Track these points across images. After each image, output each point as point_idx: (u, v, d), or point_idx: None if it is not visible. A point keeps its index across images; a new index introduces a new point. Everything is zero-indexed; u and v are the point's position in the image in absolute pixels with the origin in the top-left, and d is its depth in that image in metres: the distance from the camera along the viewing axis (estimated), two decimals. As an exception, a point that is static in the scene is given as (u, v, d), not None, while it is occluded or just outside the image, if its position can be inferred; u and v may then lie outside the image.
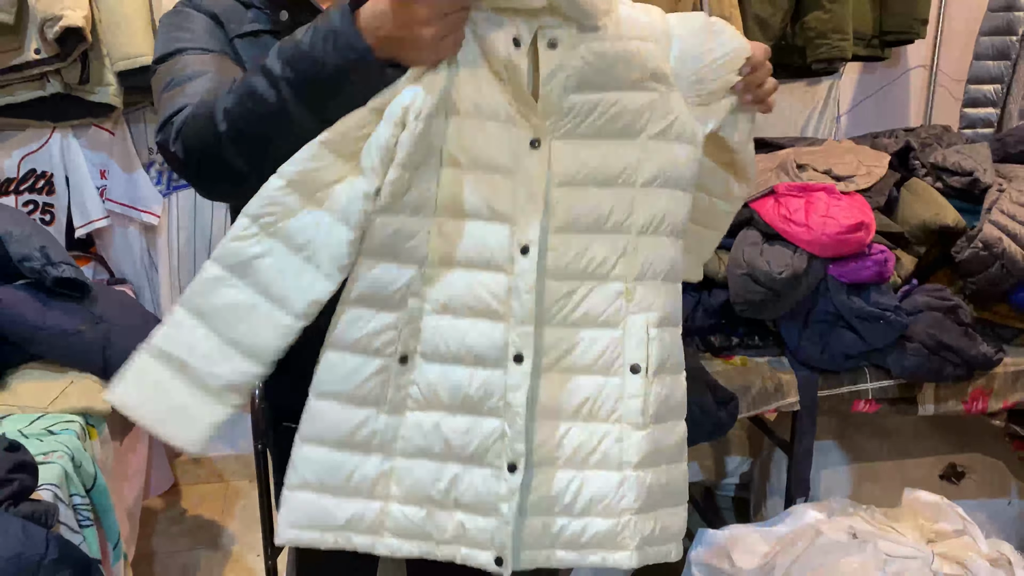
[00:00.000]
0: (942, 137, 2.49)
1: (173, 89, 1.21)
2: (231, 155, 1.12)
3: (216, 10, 1.33)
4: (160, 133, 1.18)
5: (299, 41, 1.06)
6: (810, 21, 2.74)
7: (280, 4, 1.32)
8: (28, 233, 1.83)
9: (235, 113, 1.09)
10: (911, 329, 2.02)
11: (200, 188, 1.22)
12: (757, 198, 2.09)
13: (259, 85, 1.08)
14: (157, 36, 1.34)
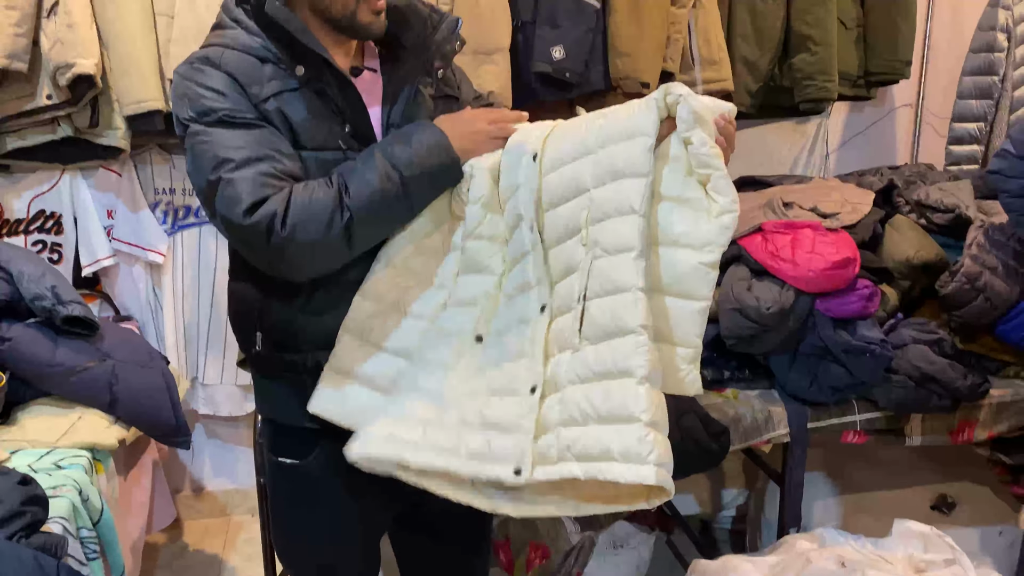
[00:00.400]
0: (926, 175, 2.57)
1: (242, 169, 1.29)
2: (342, 241, 1.33)
3: (234, 71, 1.35)
4: (248, 216, 1.27)
5: (412, 154, 1.36)
6: (797, 63, 2.83)
7: (296, 59, 1.37)
8: (41, 273, 1.89)
9: (360, 207, 1.32)
10: (897, 362, 2.08)
11: (288, 267, 1.34)
12: (745, 235, 2.16)
13: (383, 185, 1.34)
14: (178, 88, 1.36)
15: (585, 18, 2.54)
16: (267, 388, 1.52)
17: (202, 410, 2.89)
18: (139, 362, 1.97)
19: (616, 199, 1.26)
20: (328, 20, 1.40)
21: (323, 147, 1.39)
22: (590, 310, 1.26)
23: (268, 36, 1.37)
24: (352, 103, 1.40)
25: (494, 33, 2.54)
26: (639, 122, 1.26)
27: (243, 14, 1.40)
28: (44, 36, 2.31)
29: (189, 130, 1.33)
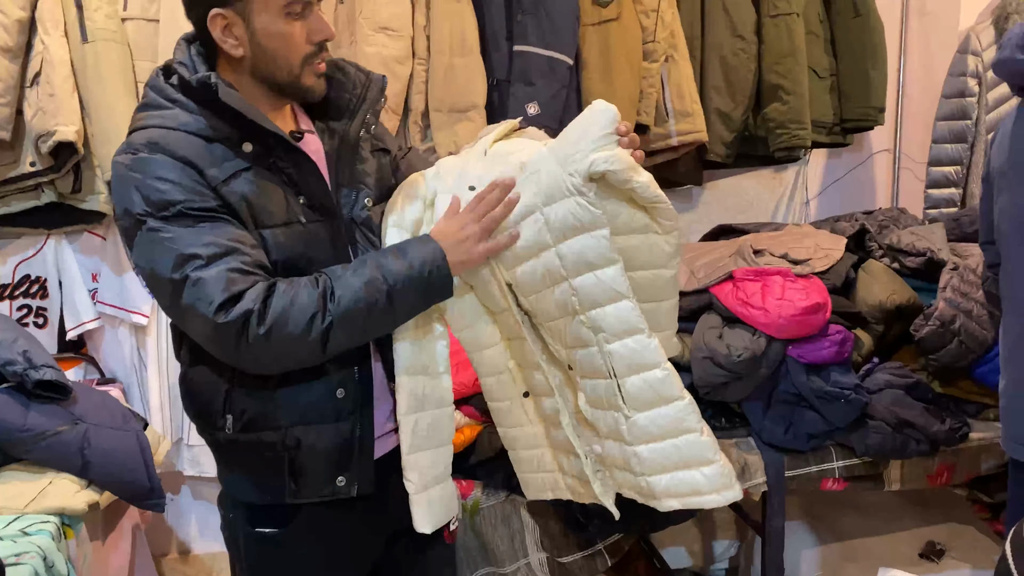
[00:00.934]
0: (898, 219, 2.59)
1: (211, 267, 1.26)
2: (318, 345, 1.32)
3: (188, 155, 1.31)
4: (223, 314, 1.25)
5: (406, 268, 1.36)
6: (769, 113, 2.87)
7: (244, 136, 1.36)
8: (13, 338, 1.91)
9: (343, 315, 1.32)
10: (873, 407, 2.07)
11: (256, 364, 1.33)
12: (716, 283, 2.17)
13: (370, 295, 1.33)
14: (123, 180, 1.30)
15: (558, 76, 2.59)
16: (239, 472, 1.47)
17: (188, 471, 2.88)
18: (113, 425, 1.98)
19: (601, 288, 1.34)
20: (272, 86, 1.40)
21: (283, 223, 1.38)
22: (627, 387, 1.37)
23: (213, 115, 1.34)
24: (306, 173, 1.40)
25: (469, 92, 2.60)
26: (587, 219, 1.32)
27: (177, 92, 1.37)
28: (27, 105, 2.37)
29: (146, 225, 1.28)
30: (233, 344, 1.29)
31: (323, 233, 1.42)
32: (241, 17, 1.34)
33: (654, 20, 2.71)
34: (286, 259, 1.37)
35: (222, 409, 1.41)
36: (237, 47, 1.36)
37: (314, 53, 1.39)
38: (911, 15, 3.33)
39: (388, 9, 2.52)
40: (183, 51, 1.39)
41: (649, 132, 2.76)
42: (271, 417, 1.41)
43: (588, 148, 1.29)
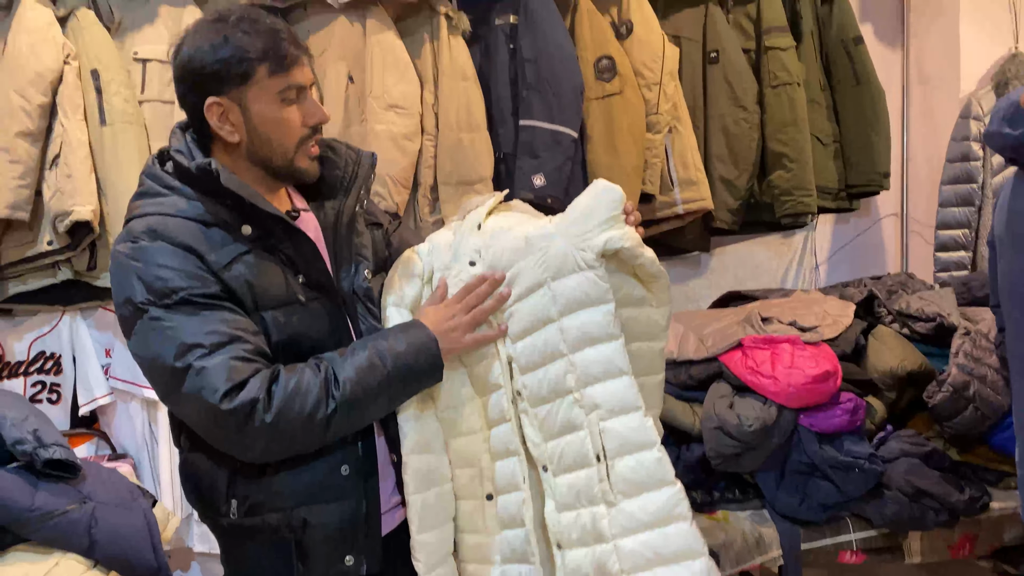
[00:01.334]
0: (907, 284, 2.58)
1: (214, 355, 1.27)
2: (321, 431, 1.34)
3: (188, 241, 1.32)
4: (228, 401, 1.26)
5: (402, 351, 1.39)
6: (774, 180, 2.90)
7: (241, 220, 1.38)
8: (24, 416, 1.91)
9: (347, 401, 1.34)
10: (888, 476, 2.04)
11: (255, 447, 1.33)
12: (725, 351, 2.16)
13: (371, 381, 1.36)
14: (123, 268, 1.31)
15: (563, 148, 2.64)
16: (245, 556, 1.47)
17: (197, 548, 2.84)
18: (121, 503, 1.96)
19: (601, 363, 1.36)
20: (268, 169, 1.43)
21: (283, 303, 1.39)
22: (616, 468, 1.35)
23: (212, 200, 1.37)
24: (305, 252, 1.42)
25: (477, 165, 2.65)
26: (595, 293, 1.36)
27: (173, 179, 1.39)
28: (46, 186, 2.43)
29: (147, 314, 1.29)
30: (236, 432, 1.30)
31: (322, 311, 1.44)
32: (237, 104, 1.38)
33: (656, 93, 2.76)
34: (287, 339, 1.39)
35: (225, 494, 1.41)
36: (233, 133, 1.39)
37: (308, 136, 1.43)
38: (912, 82, 3.39)
39: (398, 88, 2.58)
40: (179, 139, 1.43)
41: (655, 200, 2.79)
42: (275, 499, 1.40)
43: (599, 226, 1.34)
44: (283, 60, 1.37)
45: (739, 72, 2.88)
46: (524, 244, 1.41)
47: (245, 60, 1.35)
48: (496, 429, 1.49)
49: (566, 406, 1.39)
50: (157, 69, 2.55)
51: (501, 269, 1.44)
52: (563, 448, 1.40)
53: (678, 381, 2.19)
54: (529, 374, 1.43)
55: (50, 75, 2.37)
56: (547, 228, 1.40)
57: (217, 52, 1.35)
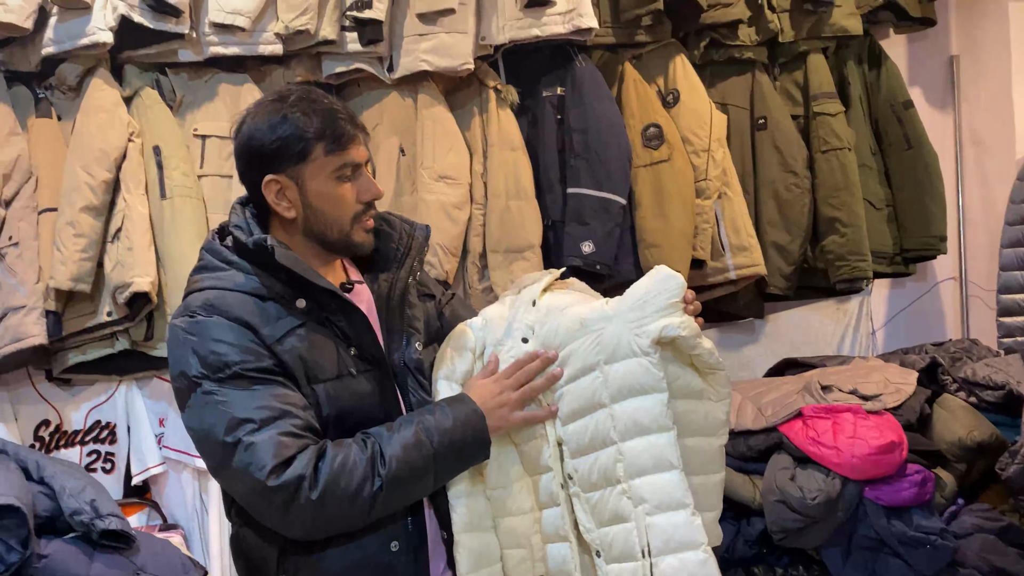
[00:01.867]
0: (971, 350, 2.51)
1: (263, 431, 1.28)
2: (367, 509, 1.33)
3: (243, 315, 1.35)
4: (275, 478, 1.27)
5: (450, 428, 1.38)
6: (828, 245, 2.86)
7: (295, 294, 1.40)
8: (81, 487, 1.93)
9: (393, 478, 1.33)
10: (962, 553, 1.94)
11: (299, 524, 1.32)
12: (784, 421, 2.11)
13: (416, 458, 1.35)
14: (180, 342, 1.34)
15: (612, 215, 2.64)
16: None
17: (245, 620, 2.82)
18: (173, 575, 1.96)
19: (651, 454, 1.33)
20: (323, 243, 1.46)
21: (335, 376, 1.40)
22: (660, 567, 1.31)
23: (268, 275, 1.39)
24: (357, 325, 1.44)
25: (525, 232, 2.66)
26: (648, 381, 1.33)
27: (232, 254, 1.42)
28: (107, 258, 2.49)
29: (201, 388, 1.31)
30: (281, 508, 1.30)
31: (374, 383, 1.44)
32: (294, 181, 1.41)
33: (705, 159, 2.77)
34: (339, 412, 1.39)
35: (275, 570, 1.40)
36: (290, 209, 1.43)
37: (362, 211, 1.45)
38: (965, 144, 3.35)
39: (448, 159, 2.63)
40: (238, 215, 1.46)
41: (706, 267, 2.77)
42: (324, 574, 1.39)
43: (656, 313, 1.32)
44: (340, 139, 1.41)
45: (788, 138, 2.87)
46: (579, 325, 1.40)
47: (303, 139, 1.39)
48: (547, 512, 1.46)
49: (616, 495, 1.36)
50: (216, 145, 2.63)
51: (554, 348, 1.42)
52: (613, 537, 1.36)
53: (736, 452, 2.13)
54: (580, 458, 1.40)
55: (115, 152, 2.46)
56: (604, 310, 1.39)
57: (276, 131, 1.39)
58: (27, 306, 2.40)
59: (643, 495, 1.32)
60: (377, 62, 2.61)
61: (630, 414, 1.33)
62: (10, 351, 2.37)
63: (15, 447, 2.09)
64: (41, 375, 2.64)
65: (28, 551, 1.77)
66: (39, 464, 1.99)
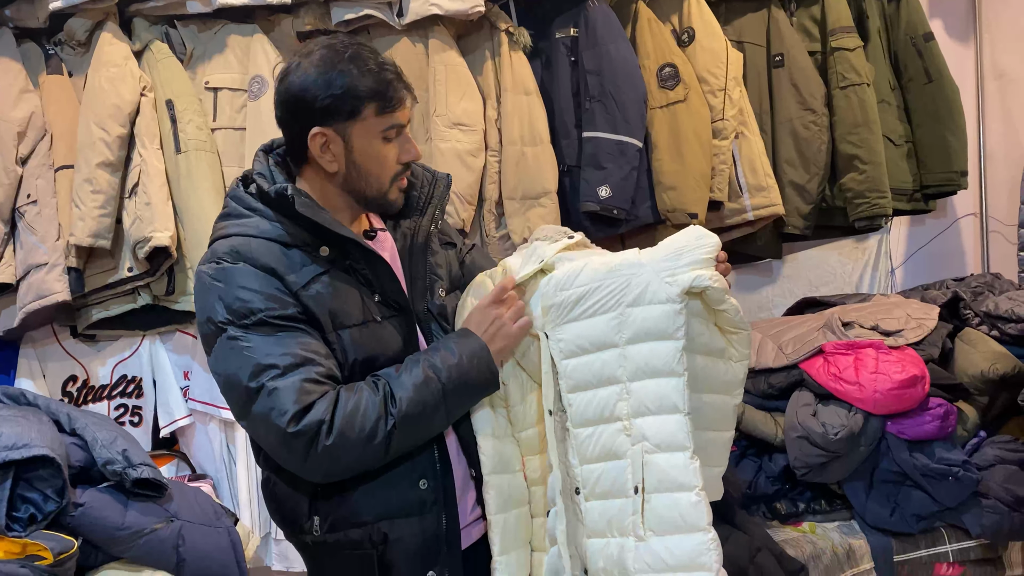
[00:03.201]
0: (993, 284, 2.49)
1: (286, 376, 1.31)
2: (382, 448, 1.35)
3: (269, 263, 1.36)
4: (295, 424, 1.30)
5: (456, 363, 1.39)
6: (847, 183, 2.83)
7: (319, 241, 1.41)
8: (113, 437, 1.97)
9: (405, 416, 1.35)
10: (985, 485, 1.95)
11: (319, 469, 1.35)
12: (806, 358, 2.11)
13: (426, 395, 1.37)
14: (207, 289, 1.36)
15: (628, 158, 2.62)
16: (330, 572, 1.47)
17: (276, 566, 2.87)
18: (205, 522, 2.00)
19: (658, 396, 1.34)
20: (359, 198, 1.47)
21: (359, 322, 1.42)
22: (652, 503, 1.34)
23: (291, 223, 1.41)
24: (382, 274, 1.45)
25: (541, 179, 2.64)
26: (668, 326, 1.34)
27: (256, 201, 1.43)
28: (126, 214, 2.50)
29: (226, 333, 1.34)
30: (302, 453, 1.33)
31: (397, 329, 1.46)
32: (341, 136, 1.42)
33: (722, 99, 2.73)
34: (364, 358, 1.41)
35: (307, 512, 1.43)
36: (332, 163, 1.43)
37: (401, 172, 1.47)
38: (987, 77, 3.28)
39: (461, 106, 2.60)
40: (261, 162, 1.47)
41: (723, 208, 2.75)
42: (356, 515, 1.42)
43: (690, 264, 1.33)
44: (391, 101, 1.42)
45: (806, 75, 2.82)
46: (606, 269, 1.41)
47: (357, 97, 1.40)
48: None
49: (610, 433, 1.37)
50: (228, 97, 2.62)
51: (573, 286, 1.42)
52: (600, 474, 1.39)
53: (757, 390, 2.14)
54: (576, 393, 1.42)
55: (128, 107, 2.44)
56: (636, 259, 1.40)
57: (330, 87, 1.39)
58: (49, 263, 2.42)
59: (645, 434, 1.34)
60: (387, 7, 2.57)
61: (645, 356, 1.35)
62: (34, 308, 2.39)
63: (46, 400, 2.13)
64: (66, 332, 2.67)
65: (64, 500, 1.81)
66: (70, 416, 2.02)
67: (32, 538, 1.74)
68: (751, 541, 1.93)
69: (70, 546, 1.77)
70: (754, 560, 1.88)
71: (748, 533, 1.95)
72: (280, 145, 1.52)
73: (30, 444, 1.79)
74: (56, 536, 1.78)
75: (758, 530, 1.96)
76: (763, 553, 1.91)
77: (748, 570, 1.87)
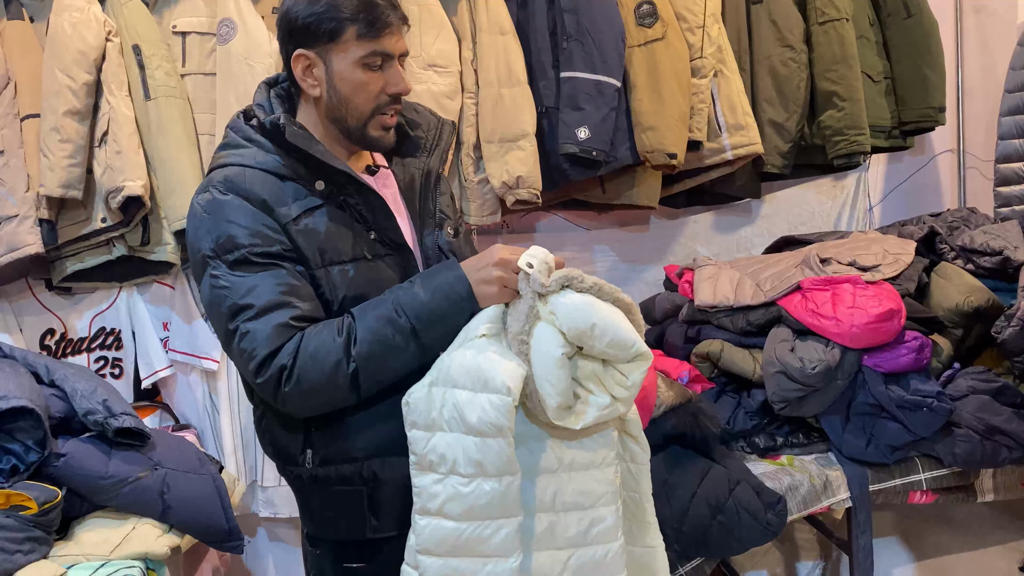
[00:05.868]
0: (969, 219, 2.50)
1: (260, 318, 1.30)
2: (348, 389, 1.33)
3: (263, 194, 1.36)
4: (261, 372, 1.30)
5: (426, 301, 1.33)
6: (825, 120, 2.82)
7: (315, 174, 1.40)
8: (92, 388, 1.96)
9: (367, 357, 1.31)
10: (958, 415, 1.99)
11: (293, 409, 1.36)
12: (784, 295, 2.12)
13: (390, 334, 1.32)
14: (199, 219, 1.36)
15: (606, 99, 2.59)
16: (322, 509, 1.49)
17: (263, 513, 2.90)
18: (190, 469, 2.01)
19: None
20: (343, 130, 1.44)
21: (351, 259, 1.41)
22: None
23: (287, 155, 1.39)
24: (377, 209, 1.44)
25: (519, 121, 2.61)
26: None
27: (254, 132, 1.43)
28: (96, 164, 2.45)
29: (210, 267, 1.34)
30: (271, 396, 1.35)
31: (392, 267, 1.44)
32: (322, 60, 1.40)
33: (700, 36, 2.69)
34: (354, 295, 1.40)
35: (302, 445, 1.44)
36: (315, 87, 1.42)
37: (385, 104, 1.43)
38: (966, 12, 3.25)
39: (436, 47, 2.55)
40: (262, 94, 1.47)
41: (702, 148, 2.73)
42: (348, 450, 1.42)
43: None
44: (374, 25, 1.38)
45: (784, 10, 2.79)
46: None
47: (336, 19, 1.37)
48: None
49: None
50: (196, 41, 2.56)
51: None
52: None
53: (736, 328, 2.15)
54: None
55: (93, 53, 2.38)
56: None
57: (312, 7, 1.38)
58: (20, 215, 2.38)
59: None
60: (358, -54, 2.50)
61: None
62: (7, 261, 2.36)
63: (23, 352, 2.11)
64: (41, 285, 2.64)
65: (45, 451, 1.81)
66: (48, 368, 2.01)
67: (16, 489, 1.75)
68: (730, 475, 1.96)
69: (54, 495, 1.78)
70: (733, 493, 1.92)
71: (727, 467, 1.99)
72: (285, 79, 1.50)
73: (8, 396, 1.79)
74: (40, 486, 1.79)
75: (737, 464, 2.00)
76: (742, 486, 1.94)
77: (727, 503, 1.90)
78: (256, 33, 2.50)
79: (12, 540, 1.70)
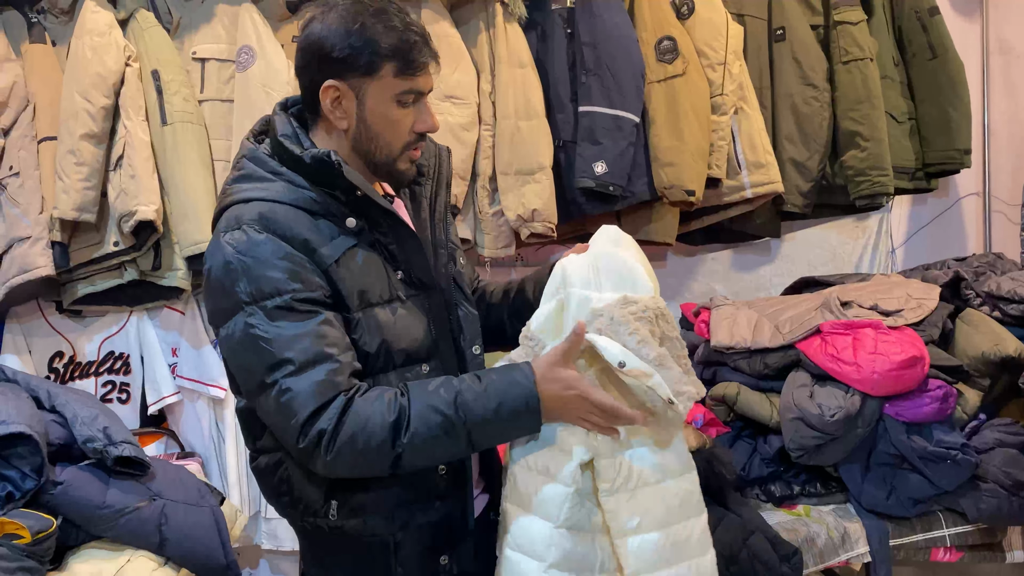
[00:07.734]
0: (995, 264, 2.44)
1: (301, 374, 1.25)
2: (388, 468, 1.29)
3: (300, 232, 1.29)
4: (302, 437, 1.25)
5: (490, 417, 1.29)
6: (848, 160, 2.78)
7: (346, 212, 1.35)
8: (94, 415, 1.93)
9: (414, 446, 1.27)
10: (984, 468, 1.92)
11: (324, 472, 1.32)
12: (803, 338, 2.06)
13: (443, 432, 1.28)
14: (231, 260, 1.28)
15: (624, 133, 2.56)
16: (340, 559, 1.43)
17: (265, 545, 2.85)
18: (189, 501, 1.97)
19: None
20: (368, 162, 1.40)
21: (385, 300, 1.37)
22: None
23: (321, 190, 1.34)
24: (409, 248, 1.40)
25: (536, 153, 2.59)
26: None
27: (277, 164, 1.36)
28: (111, 187, 2.45)
29: (245, 312, 1.27)
30: (308, 459, 1.30)
31: (422, 308, 1.41)
32: (354, 92, 1.36)
33: (721, 73, 2.67)
34: (390, 338, 1.36)
35: (324, 495, 1.38)
36: (343, 119, 1.37)
37: (414, 141, 1.40)
38: (992, 53, 3.21)
39: (454, 78, 2.55)
40: (284, 122, 1.39)
41: (721, 185, 2.70)
42: (377, 501, 1.38)
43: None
44: (412, 64, 1.35)
45: (807, 49, 2.76)
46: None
47: (376, 53, 1.33)
48: None
49: None
50: (215, 68, 2.56)
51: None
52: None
53: (753, 370, 2.10)
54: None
55: (112, 77, 2.39)
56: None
57: (349, 38, 1.33)
58: (32, 236, 2.37)
59: None
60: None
61: None
62: (18, 282, 2.35)
63: (25, 377, 2.09)
64: (51, 307, 2.64)
65: (42, 478, 1.78)
66: (50, 393, 1.99)
67: (10, 516, 1.71)
68: (744, 524, 1.90)
69: (49, 525, 1.74)
70: (747, 543, 1.85)
71: (741, 516, 1.92)
72: (296, 103, 1.45)
73: (7, 421, 1.76)
74: (35, 514, 1.75)
75: (752, 513, 1.93)
76: (756, 536, 1.87)
77: (741, 553, 1.83)
78: (275, 61, 2.50)
79: (4, 569, 1.66)
